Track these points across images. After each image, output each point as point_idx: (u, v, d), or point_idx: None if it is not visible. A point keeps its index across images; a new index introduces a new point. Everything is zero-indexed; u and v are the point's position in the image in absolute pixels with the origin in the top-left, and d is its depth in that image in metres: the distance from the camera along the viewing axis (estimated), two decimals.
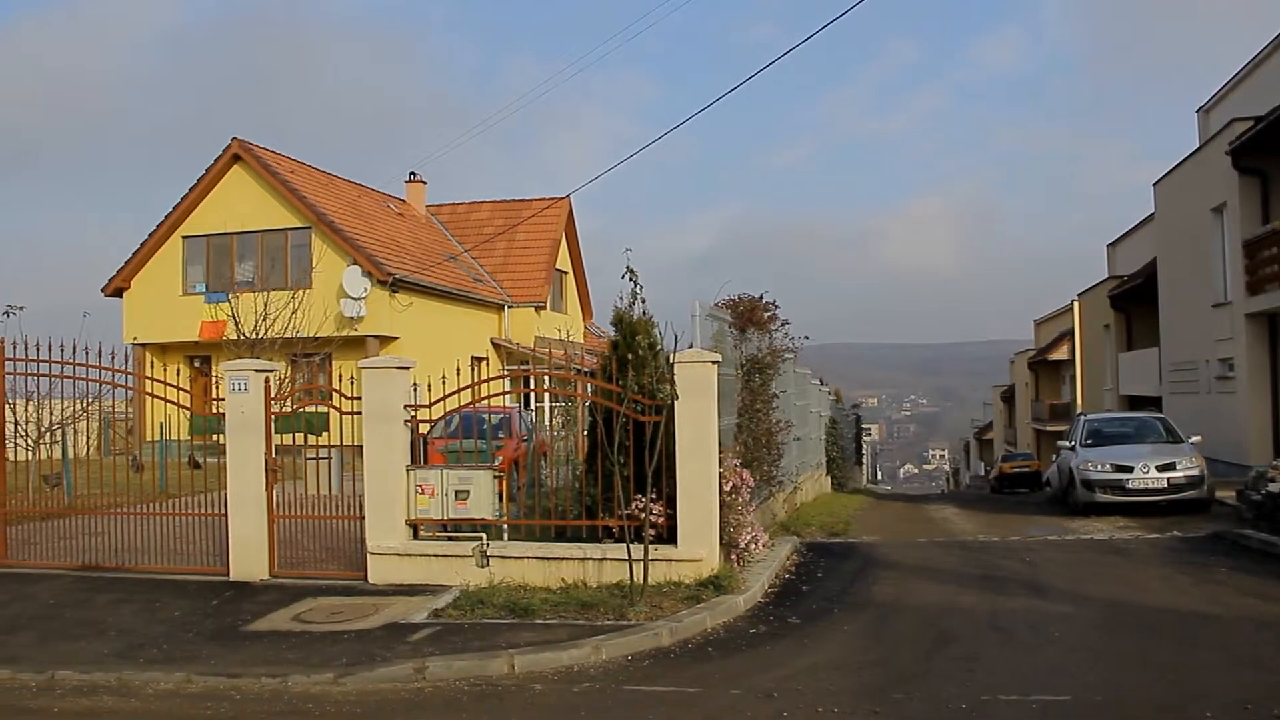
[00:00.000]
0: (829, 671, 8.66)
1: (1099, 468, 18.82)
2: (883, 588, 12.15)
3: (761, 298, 15.86)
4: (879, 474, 78.61)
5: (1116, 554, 14.10)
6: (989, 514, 22.18)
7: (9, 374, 13.75)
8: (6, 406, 13.99)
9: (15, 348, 13.68)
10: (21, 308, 19.74)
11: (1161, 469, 18.26)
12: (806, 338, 17.91)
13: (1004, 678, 8.28)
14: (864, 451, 49.54)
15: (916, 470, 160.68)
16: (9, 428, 14.05)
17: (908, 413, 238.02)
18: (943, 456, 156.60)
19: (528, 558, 11.58)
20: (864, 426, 51.47)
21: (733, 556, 11.83)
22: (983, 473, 70.16)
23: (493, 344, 36.66)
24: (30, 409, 17.69)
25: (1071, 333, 45.46)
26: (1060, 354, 48.58)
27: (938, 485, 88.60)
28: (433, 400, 12.07)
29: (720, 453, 11.53)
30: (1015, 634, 9.67)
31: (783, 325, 16.54)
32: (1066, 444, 21.49)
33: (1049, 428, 47.32)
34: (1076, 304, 43.98)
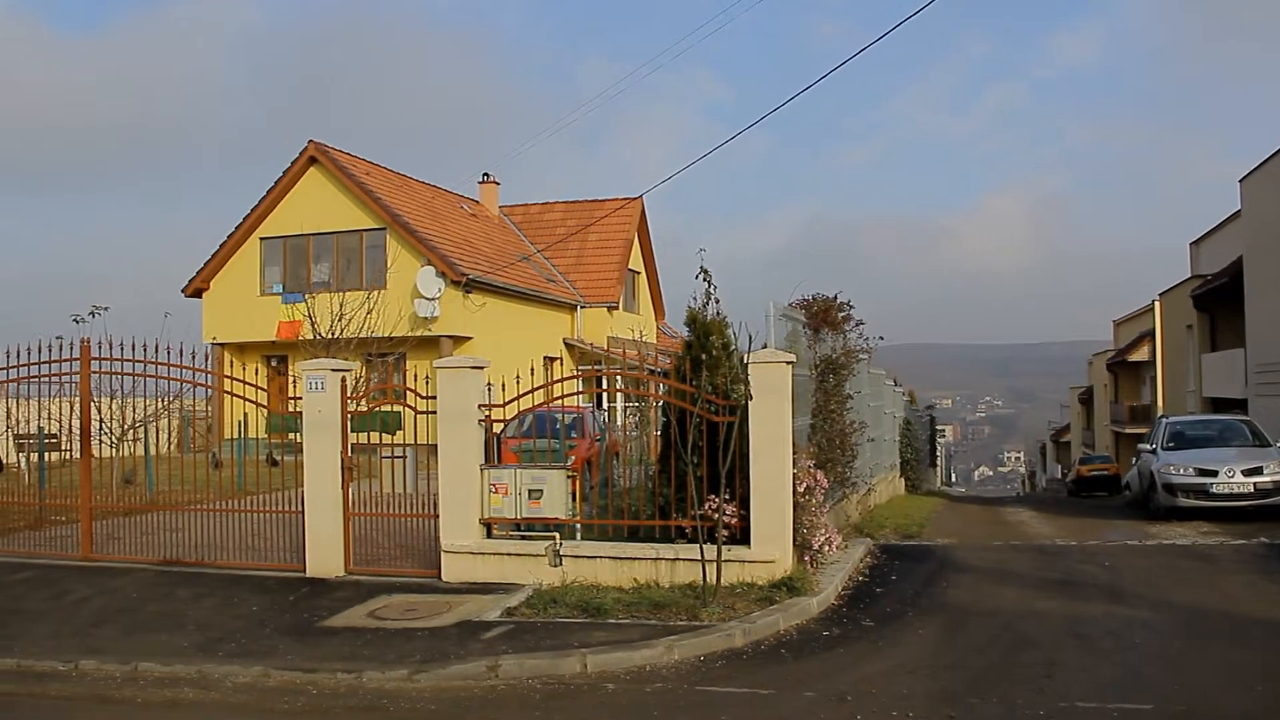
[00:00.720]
0: (903, 675, 8.57)
1: (1181, 471, 18.42)
2: (958, 591, 11.99)
3: (836, 298, 15.76)
4: (953, 476, 77.81)
5: (1199, 560, 13.78)
6: (1066, 517, 21.81)
7: (94, 373, 14.04)
8: (91, 404, 14.27)
9: (100, 347, 13.96)
10: (105, 308, 20.12)
11: (1247, 473, 17.83)
12: (881, 338, 17.76)
13: (1082, 685, 8.12)
14: (938, 453, 48.98)
15: (991, 472, 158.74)
16: (93, 425, 14.31)
17: (982, 414, 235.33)
18: (1018, 459, 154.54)
19: (600, 557, 11.58)
20: (938, 428, 50.89)
21: (806, 558, 11.74)
22: (1059, 475, 69.16)
23: (565, 344, 36.76)
24: (114, 407, 18.02)
25: (1152, 333, 44.61)
26: (1140, 355, 47.70)
27: (1013, 488, 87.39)
28: (506, 400, 12.12)
29: (794, 453, 11.46)
30: (1094, 640, 9.49)
31: (857, 325, 16.43)
32: (1147, 447, 21.08)
33: (1128, 430, 46.48)
34: (1157, 304, 43.14)
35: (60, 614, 11.47)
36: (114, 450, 18.79)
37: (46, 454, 18.38)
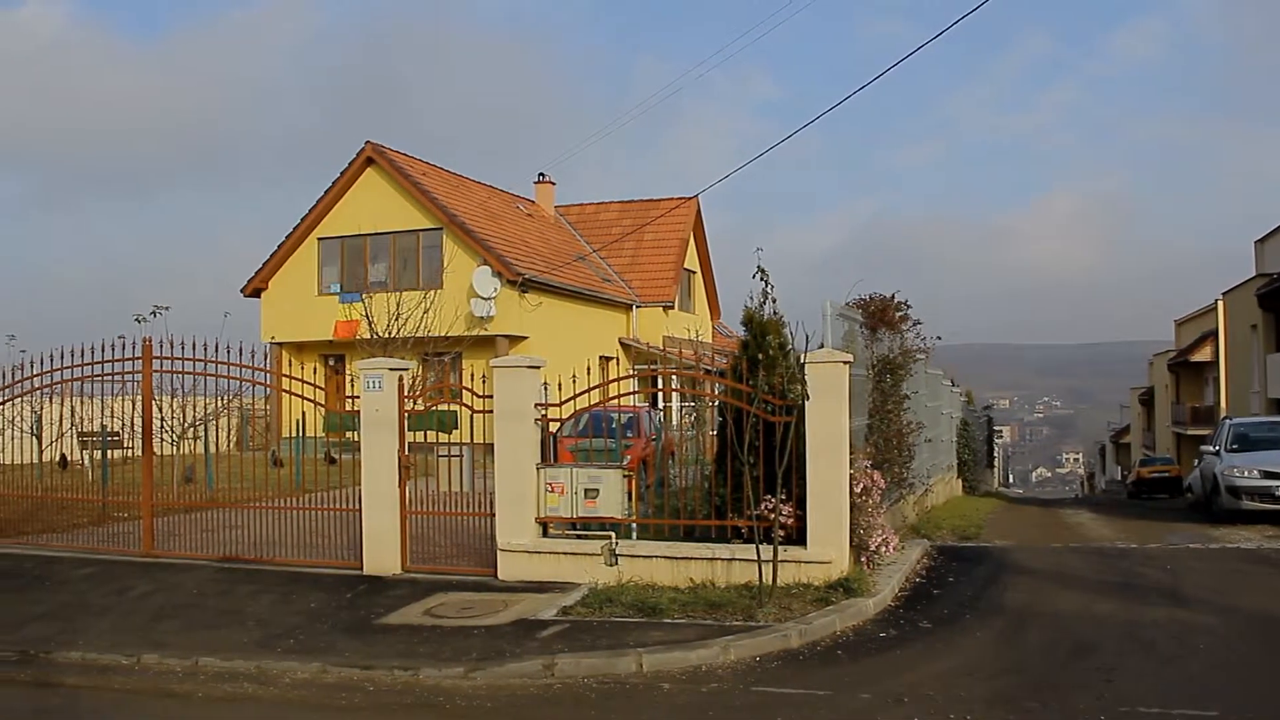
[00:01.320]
0: (961, 677, 8.48)
1: (1246, 474, 18.12)
2: (1016, 593, 11.84)
3: (893, 297, 15.65)
4: (1011, 477, 77.00)
5: (1265, 564, 13.54)
6: (1127, 519, 21.55)
7: (156, 372, 14.22)
8: (153, 403, 14.46)
9: (161, 347, 14.13)
10: (167, 308, 20.39)
11: None
12: (938, 338, 17.62)
13: (1144, 690, 8.00)
14: (995, 454, 48.49)
15: (1049, 474, 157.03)
16: (155, 423, 14.51)
17: (1040, 415, 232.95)
18: (1077, 460, 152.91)
19: (656, 557, 11.57)
20: (995, 429, 50.40)
21: (862, 559, 11.67)
22: (1119, 477, 68.34)
23: (621, 344, 36.78)
24: (174, 405, 18.27)
25: (1215, 333, 43.98)
26: (1203, 355, 47.03)
27: (1072, 489, 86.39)
28: (563, 399, 12.14)
29: (851, 454, 11.38)
30: (1156, 645, 9.33)
31: (914, 325, 16.31)
32: (1210, 449, 20.76)
33: (1190, 431, 45.83)
34: (1221, 303, 42.50)
35: (123, 609, 11.64)
36: (175, 448, 19.04)
37: (109, 451, 18.66)
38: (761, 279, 11.30)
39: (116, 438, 19.11)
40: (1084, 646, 9.34)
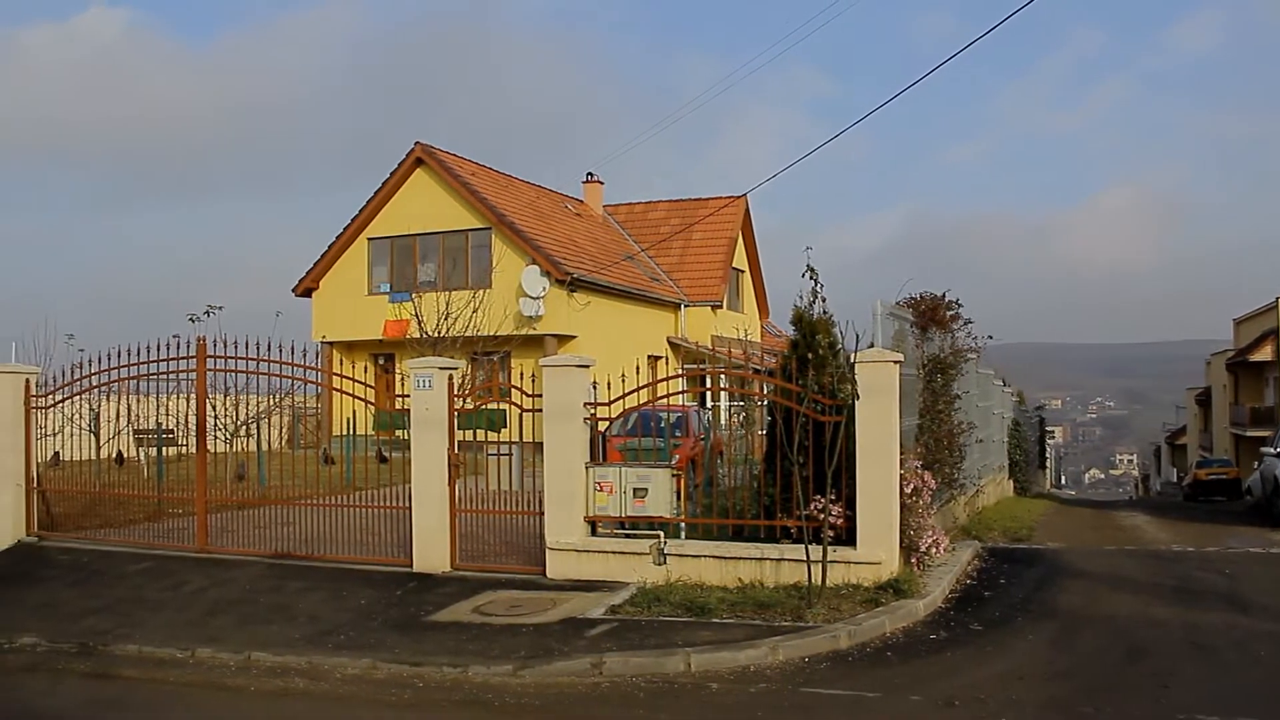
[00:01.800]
0: (1012, 681, 8.40)
1: None
2: (1069, 596, 11.70)
3: (944, 296, 15.51)
4: (1063, 478, 76.30)
5: None
6: (1183, 522, 21.24)
7: (210, 370, 14.38)
8: (206, 401, 14.62)
9: (215, 346, 14.28)
10: (220, 308, 20.65)
11: None
12: (990, 337, 17.43)
13: (1202, 696, 7.87)
14: (1047, 455, 48.04)
15: (1103, 475, 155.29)
16: (208, 421, 14.66)
17: (1093, 415, 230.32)
18: (1131, 461, 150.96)
19: (705, 556, 11.55)
20: (1047, 429, 49.92)
21: (912, 560, 11.58)
22: (1175, 479, 67.38)
23: (669, 343, 36.75)
24: (227, 404, 18.46)
25: (1275, 331, 43.23)
26: (1263, 354, 46.27)
27: (1125, 491, 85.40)
28: (612, 398, 12.14)
29: (901, 454, 11.30)
30: (1214, 650, 9.18)
31: (965, 324, 16.15)
32: (1271, 450, 20.41)
33: (1249, 433, 45.12)
34: None
35: (177, 604, 11.78)
36: (228, 446, 19.25)
37: (164, 448, 18.89)
38: (811, 278, 11.25)
39: (171, 435, 19.36)
40: (1139, 651, 9.22)
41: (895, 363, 11.15)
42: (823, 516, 10.62)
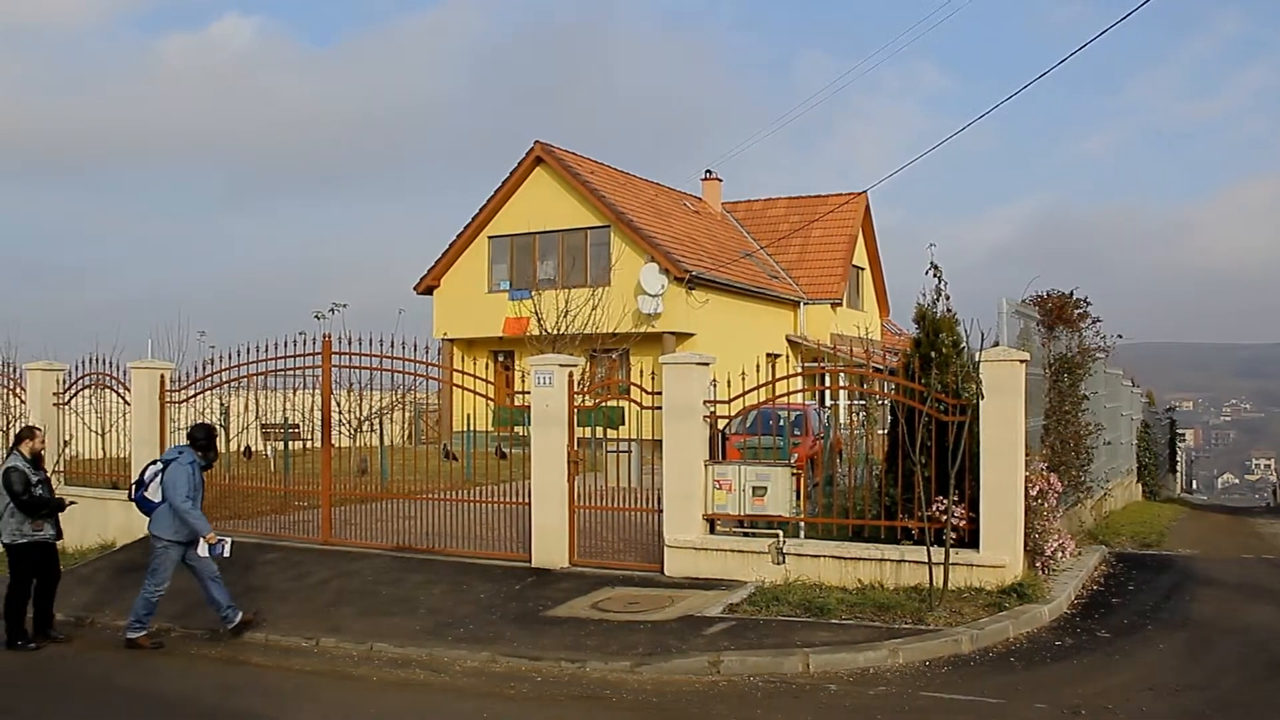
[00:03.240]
0: (1141, 692, 8.15)
1: None
2: (1202, 605, 11.31)
3: (1072, 294, 15.12)
4: (1194, 483, 73.89)
5: None
6: None
7: (335, 367, 14.67)
8: (331, 397, 14.92)
9: (339, 343, 14.56)
10: (345, 305, 21.06)
11: None
12: (1119, 336, 16.97)
13: None
14: (1178, 459, 46.62)
15: (1237, 480, 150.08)
16: (333, 416, 14.96)
17: (1227, 418, 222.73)
18: (1268, 466, 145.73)
19: (824, 556, 11.43)
20: (1178, 432, 48.43)
21: (1037, 564, 11.33)
22: None
23: (788, 341, 36.52)
24: (351, 399, 18.83)
25: None
26: None
27: (1262, 497, 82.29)
28: (731, 396, 12.09)
29: (1026, 455, 11.06)
30: None
31: (1094, 323, 15.74)
32: None
33: None
34: None
35: (303, 594, 12.05)
36: (351, 440, 19.62)
37: (290, 443, 19.33)
38: (934, 275, 11.08)
39: (296, 430, 19.81)
40: (1278, 665, 8.87)
41: (1021, 361, 10.91)
42: (945, 518, 10.44)
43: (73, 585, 13.36)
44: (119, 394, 16.35)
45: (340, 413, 15.40)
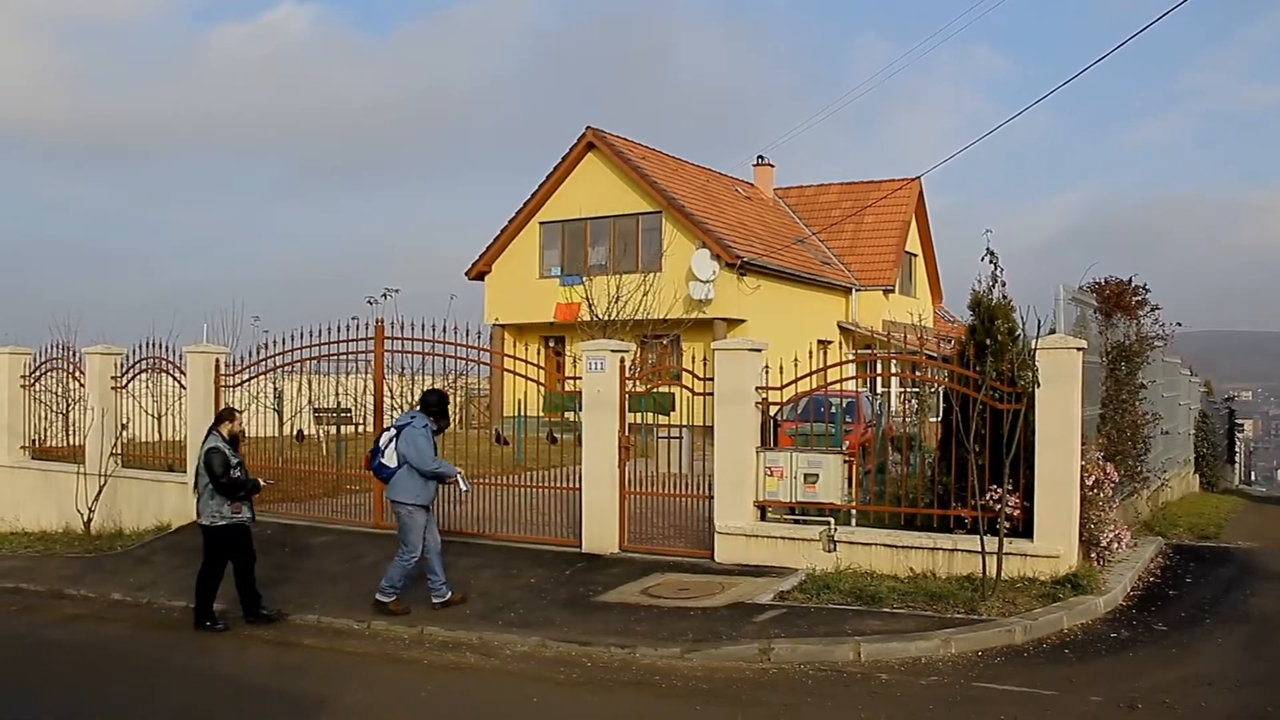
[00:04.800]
0: (1200, 687, 8.01)
1: None
2: (1263, 600, 11.11)
3: (1130, 281, 14.91)
4: (1252, 474, 72.79)
5: None
6: None
7: (387, 351, 14.75)
8: (383, 381, 14.99)
9: (392, 328, 14.64)
10: (397, 290, 21.11)
11: None
12: (1178, 324, 16.68)
13: None
14: (1236, 449, 45.88)
15: None
16: (385, 400, 15.03)
17: None
18: None
19: (875, 544, 11.35)
20: (1237, 422, 47.66)
21: (1092, 555, 11.18)
22: None
23: (840, 327, 36.32)
24: (403, 384, 18.90)
25: None
26: None
27: None
28: (784, 383, 12.02)
29: (1082, 445, 10.91)
30: None
31: (1152, 310, 15.49)
32: None
33: None
34: None
35: (355, 576, 12.15)
36: None
37: (342, 427, 19.47)
38: (990, 261, 10.93)
39: (348, 414, 19.93)
40: None
41: (1078, 349, 10.75)
42: (999, 507, 10.32)
43: (130, 566, 13.59)
44: (175, 378, 16.54)
45: (392, 397, 15.46)
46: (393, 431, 10.97)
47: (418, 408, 11.28)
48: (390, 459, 10.87)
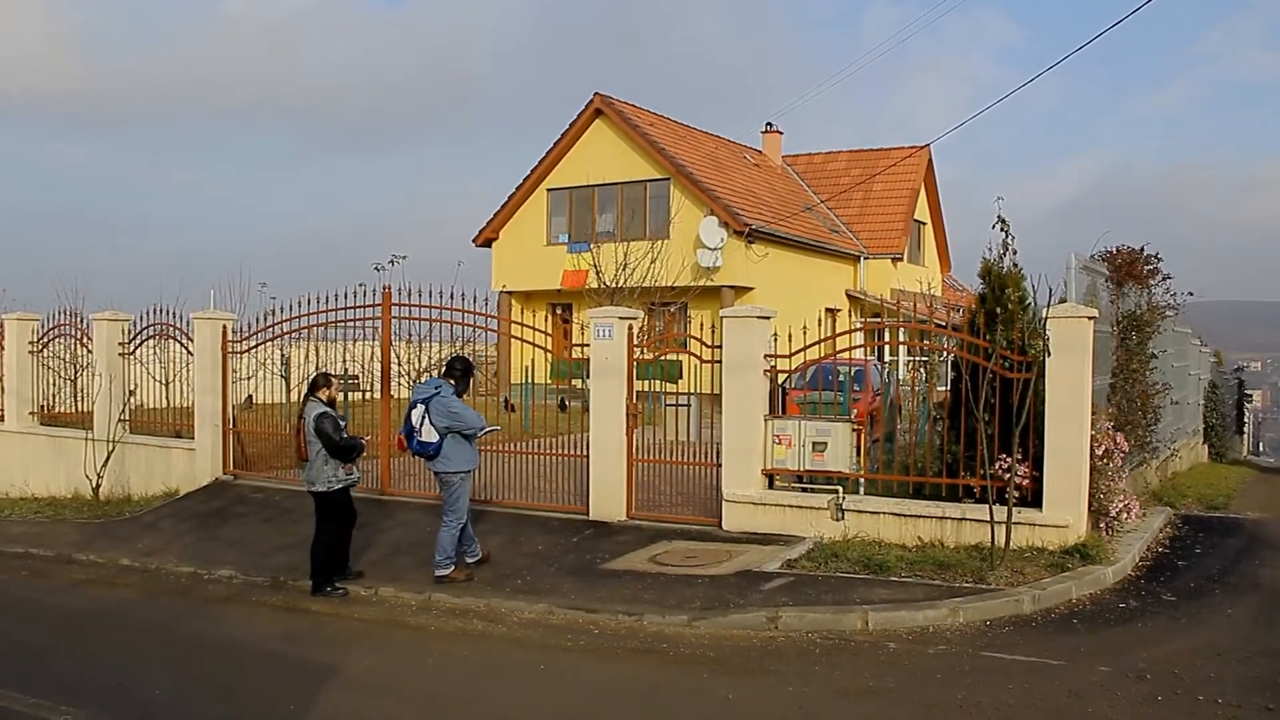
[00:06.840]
0: (1209, 657, 7.97)
1: None
2: (1273, 570, 11.06)
3: (1142, 250, 14.78)
4: (1261, 445, 72.72)
5: None
6: None
7: (394, 318, 14.71)
8: (390, 348, 14.98)
9: (399, 295, 14.59)
10: (404, 257, 21.08)
11: None
12: (1189, 294, 16.58)
13: None
14: (1245, 420, 45.78)
15: None
16: (392, 367, 15.01)
17: None
18: None
19: (883, 513, 11.32)
20: (1246, 392, 47.55)
21: (1101, 525, 11.14)
22: None
23: (848, 295, 36.21)
24: (410, 351, 18.89)
25: None
26: None
27: None
28: (792, 351, 11.97)
29: (1092, 414, 10.85)
30: None
31: (1164, 280, 15.38)
32: None
33: None
34: None
35: (361, 542, 12.10)
36: (410, 391, 19.67)
37: (349, 394, 19.47)
38: (1001, 229, 10.83)
39: (356, 380, 19.93)
40: None
41: (1089, 318, 10.68)
42: (1008, 476, 10.28)
43: (138, 531, 13.61)
44: (182, 344, 16.53)
45: (399, 364, 15.44)
46: (421, 407, 10.60)
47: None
48: (429, 434, 10.53)
